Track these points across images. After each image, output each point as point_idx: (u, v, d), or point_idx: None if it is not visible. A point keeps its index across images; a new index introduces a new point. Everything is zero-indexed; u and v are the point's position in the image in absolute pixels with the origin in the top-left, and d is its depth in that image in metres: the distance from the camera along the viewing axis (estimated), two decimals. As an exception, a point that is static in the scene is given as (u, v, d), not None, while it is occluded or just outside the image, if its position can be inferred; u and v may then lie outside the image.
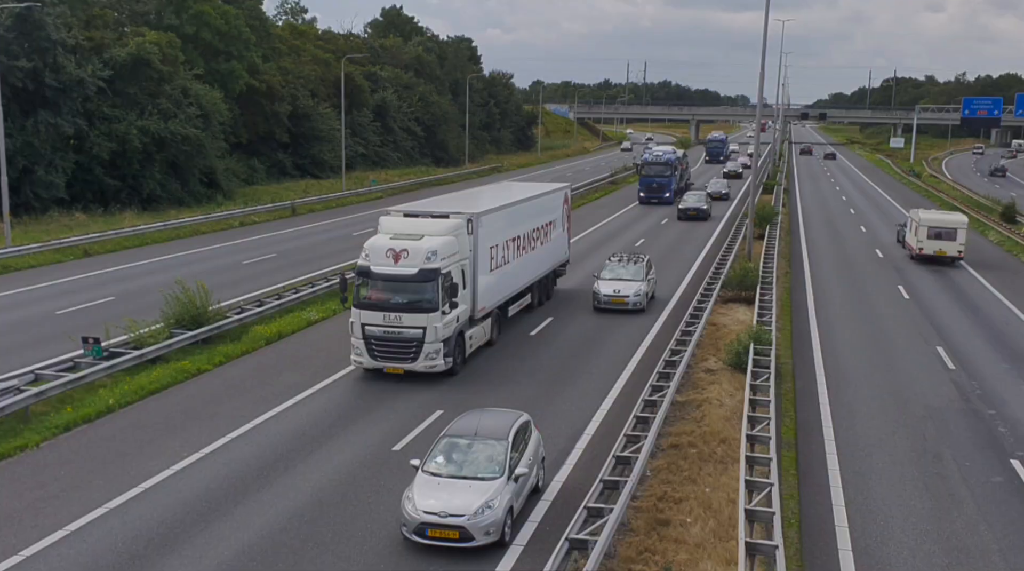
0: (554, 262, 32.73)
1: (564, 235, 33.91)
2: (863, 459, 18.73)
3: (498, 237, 26.20)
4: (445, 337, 22.46)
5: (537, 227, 30.22)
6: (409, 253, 22.26)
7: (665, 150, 71.16)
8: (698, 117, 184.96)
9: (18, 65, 46.56)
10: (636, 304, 30.44)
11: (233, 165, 65.57)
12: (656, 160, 67.07)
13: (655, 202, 65.05)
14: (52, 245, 39.79)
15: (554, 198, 32.95)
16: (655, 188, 65.81)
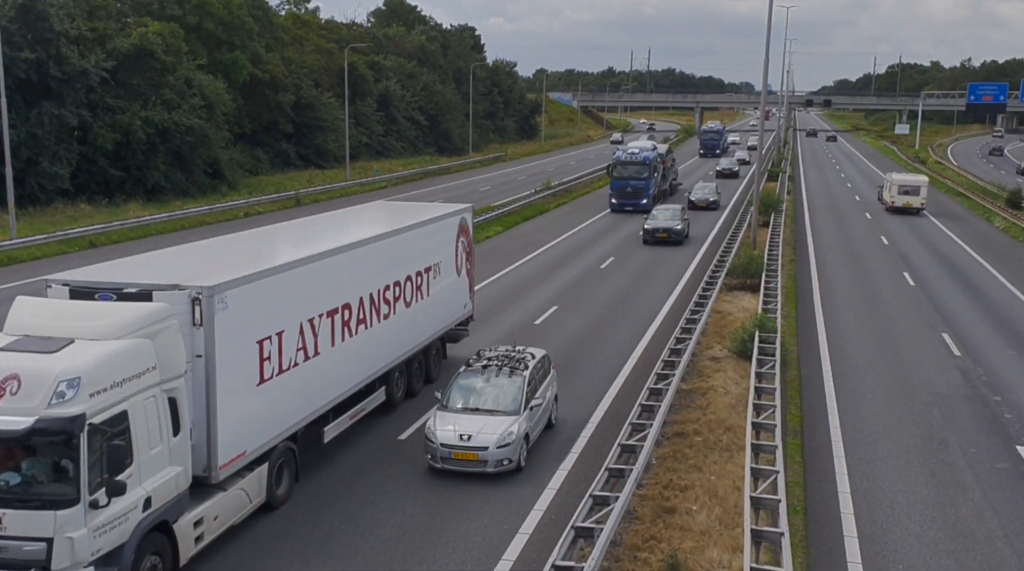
0: (439, 325, 21.95)
1: (460, 282, 23.45)
2: (869, 446, 18.73)
3: (285, 318, 15.17)
4: (95, 556, 11.20)
5: (399, 280, 19.55)
6: (21, 384, 11.05)
7: (643, 146, 58.69)
8: (702, 104, 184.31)
9: (22, 56, 46.59)
10: (500, 463, 16.45)
11: (237, 155, 65.62)
12: (631, 159, 55.05)
13: (629, 210, 53.26)
14: (57, 236, 39.85)
15: (437, 231, 21.95)
16: (629, 193, 54.06)
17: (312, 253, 16.35)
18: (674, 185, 66.03)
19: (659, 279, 35.02)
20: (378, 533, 14.62)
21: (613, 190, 55.02)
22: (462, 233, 23.62)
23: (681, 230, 42.91)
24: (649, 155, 55.80)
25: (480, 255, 39.51)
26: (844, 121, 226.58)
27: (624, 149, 58.21)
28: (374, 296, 18.48)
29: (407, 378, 20.69)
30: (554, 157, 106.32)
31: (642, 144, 60.87)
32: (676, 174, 68.86)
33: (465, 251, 23.93)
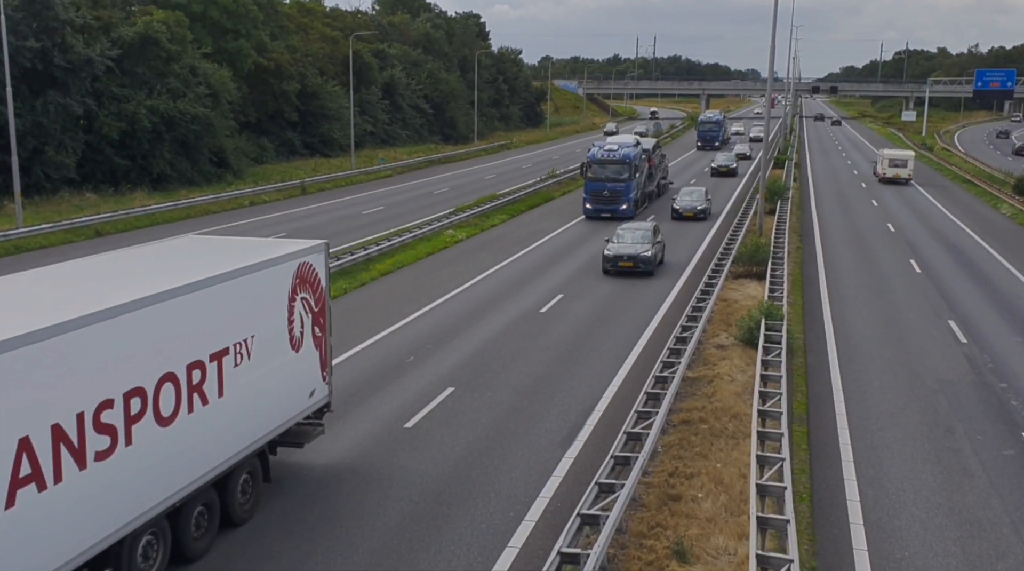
0: (248, 438, 14.06)
1: (301, 361, 15.38)
2: (875, 433, 18.73)
3: None
4: None
5: (156, 380, 11.79)
6: None
7: (623, 142, 49.78)
8: (708, 91, 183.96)
9: (27, 45, 46.59)
10: None
11: (242, 144, 65.64)
12: (608, 158, 46.92)
13: (607, 216, 45.64)
14: (63, 225, 39.94)
15: (251, 289, 13.92)
16: (606, 197, 46.29)
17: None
18: (663, 185, 57.58)
19: (665, 270, 34.98)
20: (384, 520, 14.67)
21: (587, 193, 46.91)
22: (303, 287, 15.29)
23: (651, 257, 33.17)
24: (629, 152, 47.16)
25: (485, 244, 39.63)
26: (850, 108, 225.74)
27: (600, 145, 49.18)
28: (98, 417, 10.85)
29: (169, 540, 12.63)
30: (559, 145, 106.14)
31: (622, 139, 51.58)
32: (666, 172, 60.13)
33: (311, 313, 15.57)
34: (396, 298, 29.50)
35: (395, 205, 52.37)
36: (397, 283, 32.12)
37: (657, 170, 54.98)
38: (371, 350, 23.78)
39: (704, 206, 47.45)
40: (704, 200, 48.03)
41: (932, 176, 73.80)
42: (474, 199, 53.07)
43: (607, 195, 46.21)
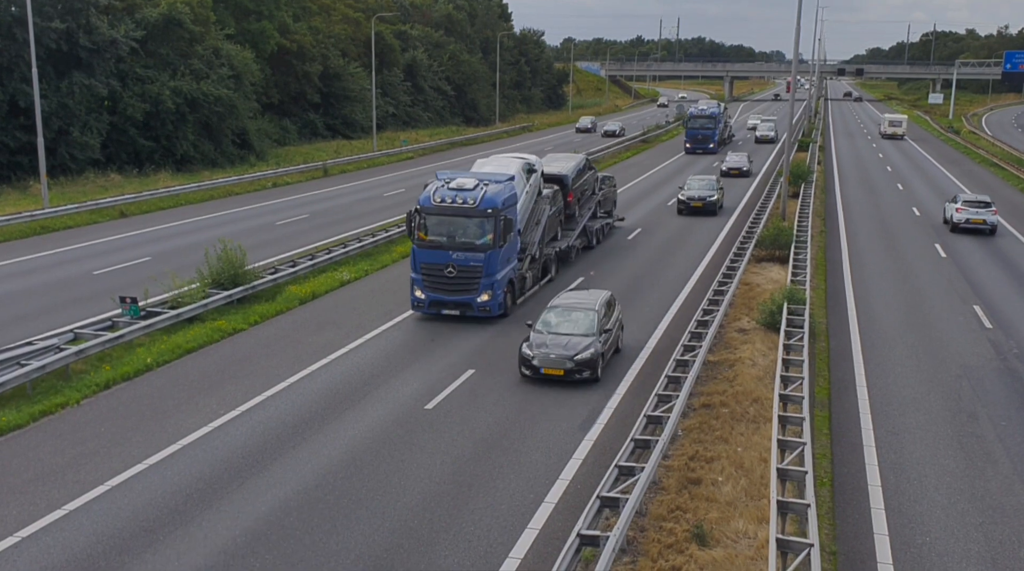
0: None
1: None
2: (897, 418, 18.63)
3: None
4: None
5: None
6: None
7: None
8: (732, 73, 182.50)
9: (52, 26, 46.83)
10: None
11: (265, 126, 65.83)
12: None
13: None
14: (88, 206, 40.26)
15: None
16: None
17: None
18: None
19: (683, 256, 34.84)
20: (405, 500, 14.77)
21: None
22: None
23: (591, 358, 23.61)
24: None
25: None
26: (876, 90, 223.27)
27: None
28: None
29: None
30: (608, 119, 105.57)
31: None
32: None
33: None
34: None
35: (416, 187, 52.31)
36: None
37: (586, 204, 35.33)
38: (392, 332, 23.87)
39: (716, 197, 42.81)
40: (716, 189, 43.51)
41: (959, 160, 72.98)
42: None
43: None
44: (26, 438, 17.00)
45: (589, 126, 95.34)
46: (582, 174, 34.40)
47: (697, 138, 72.86)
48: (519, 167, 27.58)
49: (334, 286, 28.46)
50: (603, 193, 37.25)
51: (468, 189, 24.74)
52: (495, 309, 24.65)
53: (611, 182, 39.46)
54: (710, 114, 73.87)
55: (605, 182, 38.07)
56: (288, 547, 13.33)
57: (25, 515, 14.09)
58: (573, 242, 31.77)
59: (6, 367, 19.38)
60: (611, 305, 21.78)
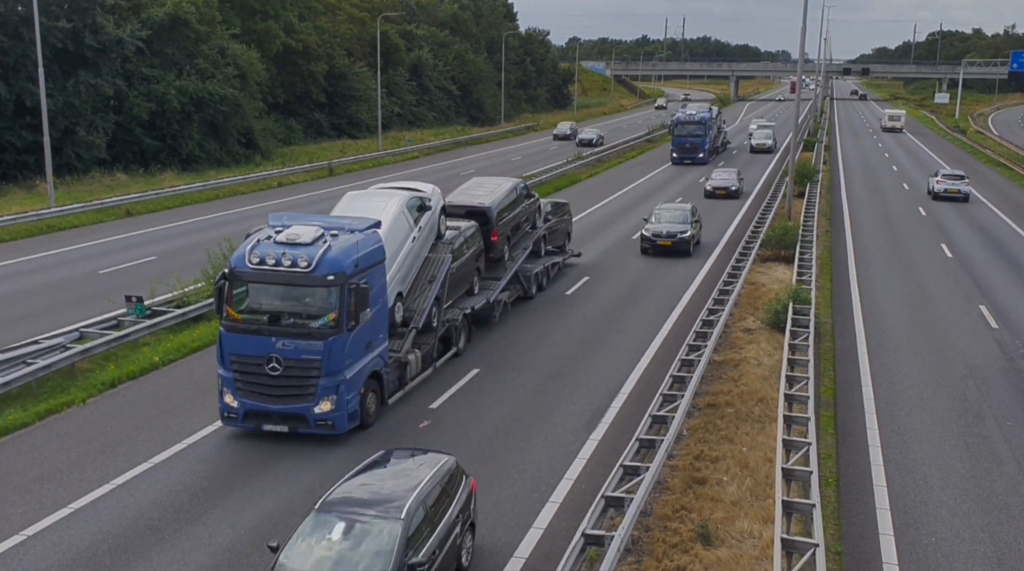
0: None
1: None
2: (903, 418, 18.58)
3: None
4: None
5: None
6: None
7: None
8: (737, 73, 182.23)
9: (58, 26, 46.92)
10: None
11: (271, 125, 65.89)
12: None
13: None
14: (94, 205, 40.33)
15: None
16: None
17: None
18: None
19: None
20: (410, 500, 14.74)
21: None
22: None
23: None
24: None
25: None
26: (882, 90, 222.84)
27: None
28: None
29: None
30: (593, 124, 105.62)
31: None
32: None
33: None
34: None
35: (422, 186, 52.29)
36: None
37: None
38: (397, 331, 23.86)
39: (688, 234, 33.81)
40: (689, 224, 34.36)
41: (965, 160, 72.79)
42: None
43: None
44: (32, 437, 17.03)
45: (568, 132, 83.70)
46: (515, 205, 27.11)
47: (684, 147, 64.23)
48: (400, 205, 20.49)
49: (339, 285, 28.38)
50: (551, 225, 30.16)
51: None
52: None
53: (563, 210, 31.73)
54: (699, 119, 64.56)
55: (556, 211, 31.05)
56: (293, 546, 13.32)
57: (31, 514, 14.12)
58: (497, 296, 24.51)
59: (12, 366, 19.43)
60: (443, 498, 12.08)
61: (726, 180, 48.47)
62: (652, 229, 33.83)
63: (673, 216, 34.73)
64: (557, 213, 31.17)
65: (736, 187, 47.99)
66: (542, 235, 29.12)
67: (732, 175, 49.22)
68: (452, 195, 25.53)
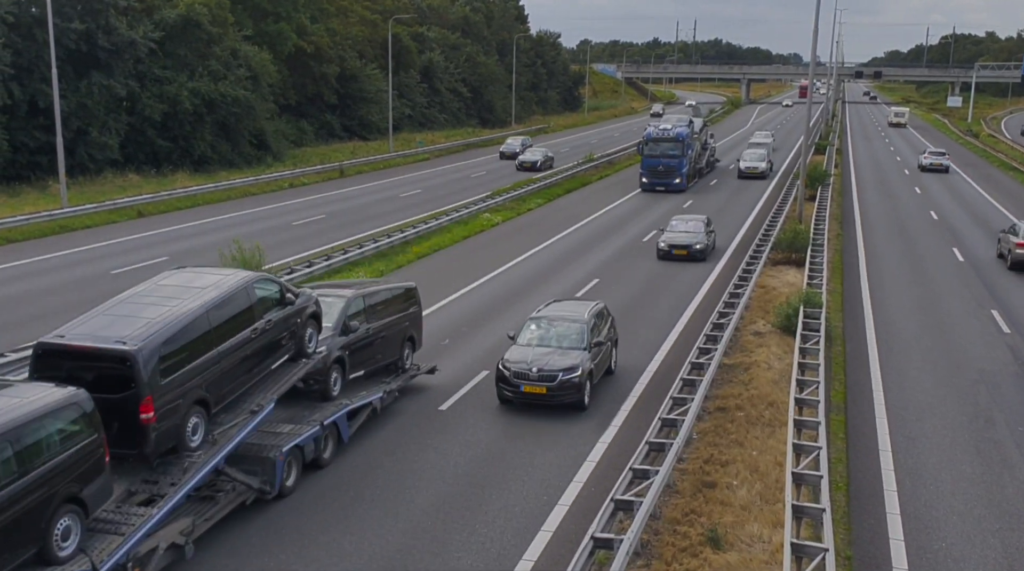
0: None
1: None
2: (914, 423, 18.52)
3: None
4: None
5: None
6: None
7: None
8: (749, 76, 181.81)
9: (72, 27, 47.16)
10: None
11: (282, 127, 66.07)
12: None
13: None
14: (107, 206, 40.52)
15: None
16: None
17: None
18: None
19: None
20: (419, 501, 14.79)
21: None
22: None
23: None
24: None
25: (521, 228, 39.62)
26: (894, 93, 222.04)
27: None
28: None
29: None
30: (597, 129, 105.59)
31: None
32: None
33: None
34: (432, 281, 29.58)
35: (432, 188, 52.46)
36: (433, 266, 32.22)
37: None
38: (407, 332, 23.88)
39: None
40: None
41: (977, 163, 72.48)
42: (511, 183, 53.01)
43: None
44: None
45: (518, 150, 67.88)
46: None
47: (656, 170, 51.29)
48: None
49: (350, 287, 28.47)
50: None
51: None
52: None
53: (410, 304, 20.13)
54: (674, 136, 51.10)
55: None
56: (302, 546, 13.37)
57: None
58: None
59: (24, 365, 19.49)
60: None
61: (687, 235, 34.44)
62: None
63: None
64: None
65: (702, 245, 34.01)
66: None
67: (698, 225, 35.16)
68: None
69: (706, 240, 34.06)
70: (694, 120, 56.25)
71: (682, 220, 35.89)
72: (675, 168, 50.94)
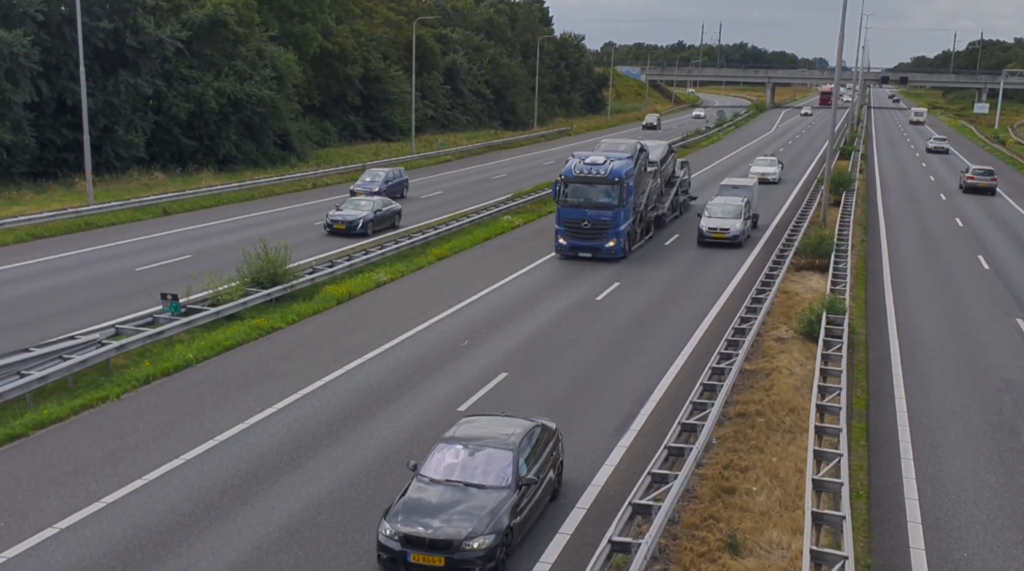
0: None
1: None
2: (936, 431, 18.35)
3: None
4: None
5: None
6: None
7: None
8: (774, 80, 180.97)
9: (100, 26, 47.65)
10: None
11: (306, 127, 66.42)
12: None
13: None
14: (132, 203, 40.89)
15: None
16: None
17: None
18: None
19: (723, 260, 34.60)
20: (438, 502, 14.77)
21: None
22: None
23: None
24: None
25: (542, 231, 39.54)
26: (920, 99, 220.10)
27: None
28: None
29: None
30: (620, 131, 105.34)
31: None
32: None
33: None
34: (452, 282, 29.65)
35: (453, 190, 52.55)
36: (453, 267, 32.27)
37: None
38: (426, 333, 23.95)
39: None
40: None
41: (1004, 170, 71.76)
42: (532, 185, 53.01)
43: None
44: (67, 431, 17.29)
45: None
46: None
47: (578, 227, 33.27)
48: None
49: (370, 287, 28.62)
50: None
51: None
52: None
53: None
54: (607, 174, 33.11)
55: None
56: (322, 545, 13.42)
57: (65, 507, 14.33)
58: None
59: (49, 361, 19.72)
60: None
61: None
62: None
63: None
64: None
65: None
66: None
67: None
68: None
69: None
70: (647, 146, 38.13)
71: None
72: (606, 224, 32.67)
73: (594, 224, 32.96)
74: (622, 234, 33.25)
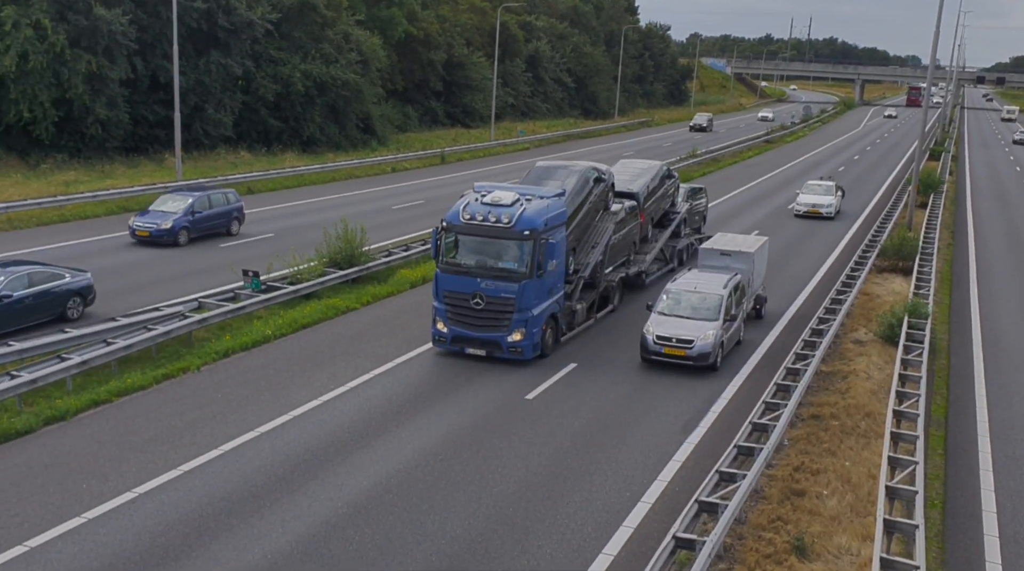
0: None
1: None
2: (1019, 443, 17.76)
3: None
4: None
5: None
6: None
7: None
8: (864, 77, 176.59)
9: (194, 5, 48.84)
10: None
11: (388, 111, 67.12)
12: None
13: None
14: (218, 181, 41.85)
15: None
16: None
17: None
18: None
19: (799, 258, 33.94)
20: (502, 487, 14.91)
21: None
22: None
23: None
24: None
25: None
26: (1018, 101, 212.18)
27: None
28: None
29: None
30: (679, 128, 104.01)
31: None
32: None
33: None
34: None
35: (532, 178, 52.45)
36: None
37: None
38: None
39: None
40: None
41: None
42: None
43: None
44: (149, 399, 17.87)
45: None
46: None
47: (466, 308, 20.57)
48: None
49: (446, 271, 28.76)
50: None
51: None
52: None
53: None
54: (514, 223, 20.15)
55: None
56: (387, 523, 13.63)
57: (144, 472, 14.82)
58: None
59: (134, 331, 20.38)
60: None
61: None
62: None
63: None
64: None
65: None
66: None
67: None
68: None
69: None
70: (604, 171, 25.17)
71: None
72: (510, 304, 20.31)
73: (489, 302, 20.36)
74: (537, 321, 20.59)
